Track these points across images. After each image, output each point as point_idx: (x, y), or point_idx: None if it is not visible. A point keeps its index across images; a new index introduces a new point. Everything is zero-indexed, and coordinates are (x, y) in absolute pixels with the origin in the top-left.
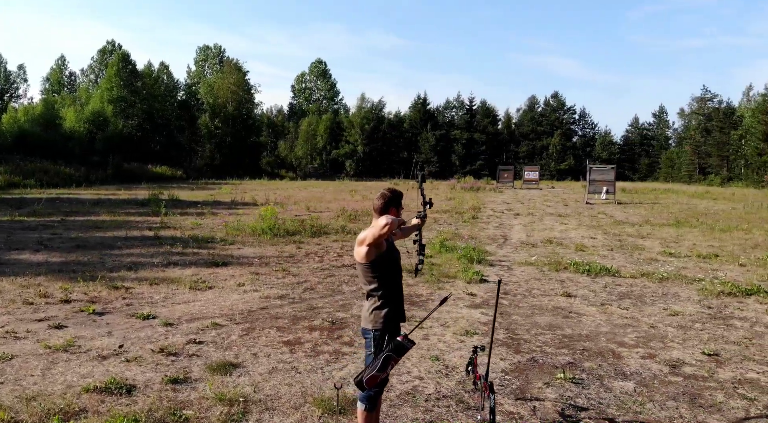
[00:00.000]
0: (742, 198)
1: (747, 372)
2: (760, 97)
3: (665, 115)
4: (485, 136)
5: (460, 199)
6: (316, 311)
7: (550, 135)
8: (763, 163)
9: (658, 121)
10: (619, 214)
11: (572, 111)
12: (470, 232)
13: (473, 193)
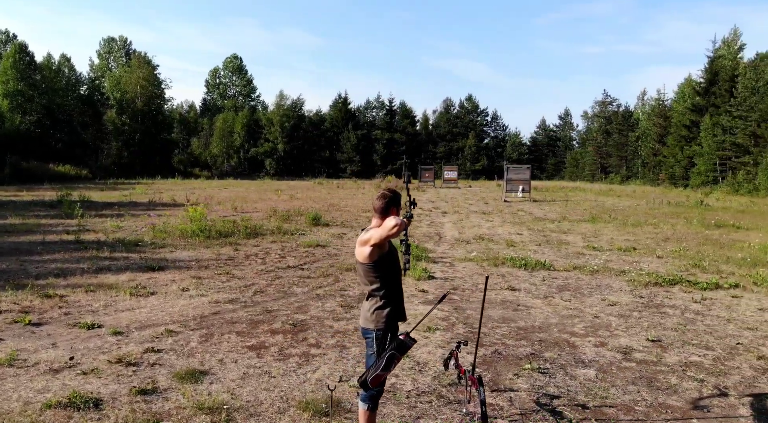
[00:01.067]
0: (642, 195)
1: (690, 356)
2: (653, 101)
3: (570, 118)
4: (405, 136)
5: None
6: (272, 314)
7: (465, 136)
8: (658, 163)
9: (564, 123)
10: (537, 211)
11: (485, 113)
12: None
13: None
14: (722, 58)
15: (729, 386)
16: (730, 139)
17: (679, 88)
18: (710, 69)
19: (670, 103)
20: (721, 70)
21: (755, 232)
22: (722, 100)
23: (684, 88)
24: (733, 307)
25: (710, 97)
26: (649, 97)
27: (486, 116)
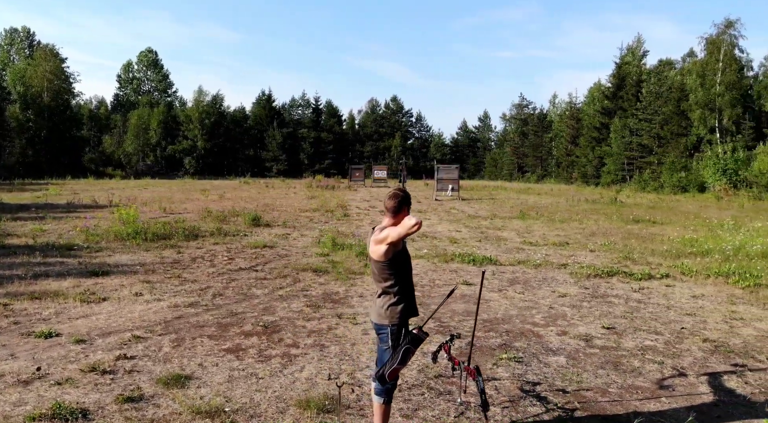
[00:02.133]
0: (559, 193)
1: (644, 341)
2: (565, 104)
3: (489, 120)
4: (332, 135)
5: (322, 198)
6: (239, 317)
7: (392, 136)
8: (571, 162)
9: (483, 125)
10: (468, 209)
11: (410, 114)
12: (349, 229)
13: (331, 192)
14: (628, 64)
15: (685, 367)
16: (637, 140)
17: (589, 92)
18: (618, 74)
19: (580, 105)
20: (627, 75)
21: (670, 227)
22: (629, 103)
23: (594, 92)
24: (669, 295)
25: (618, 100)
26: (561, 101)
27: (411, 117)
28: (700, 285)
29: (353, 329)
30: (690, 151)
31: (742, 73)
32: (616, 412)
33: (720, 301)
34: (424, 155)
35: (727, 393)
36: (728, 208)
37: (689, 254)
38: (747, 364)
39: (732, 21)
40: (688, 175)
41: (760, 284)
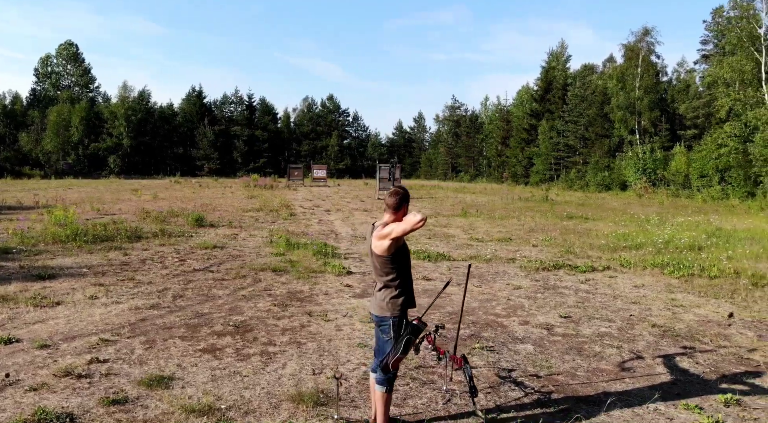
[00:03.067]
0: (493, 191)
1: (599, 327)
2: (494, 106)
3: (423, 121)
4: (267, 133)
5: (263, 198)
6: (206, 318)
7: (329, 135)
8: (502, 162)
9: (418, 126)
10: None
11: (346, 113)
12: (298, 228)
13: (271, 191)
14: (554, 69)
15: (641, 350)
16: (564, 141)
17: (518, 94)
18: (545, 78)
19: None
20: (554, 79)
21: (602, 222)
22: (556, 106)
23: (522, 95)
24: (613, 286)
25: (546, 103)
26: (491, 103)
27: (347, 116)
28: (639, 276)
29: (326, 326)
30: (612, 151)
31: (658, 78)
32: (587, 393)
33: (659, 290)
34: (361, 155)
35: (682, 373)
36: (650, 205)
37: (624, 248)
38: (694, 346)
39: (649, 29)
40: (611, 174)
41: (692, 274)
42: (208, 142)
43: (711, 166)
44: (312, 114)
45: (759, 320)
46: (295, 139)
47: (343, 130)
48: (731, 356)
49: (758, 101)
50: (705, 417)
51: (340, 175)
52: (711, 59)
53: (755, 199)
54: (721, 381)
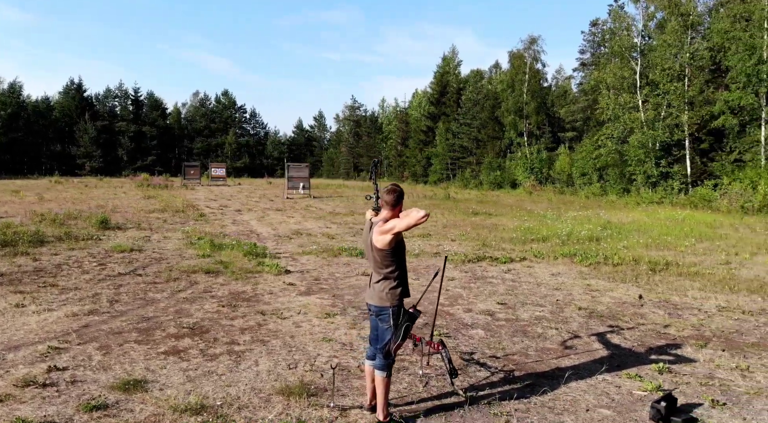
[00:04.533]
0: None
1: (534, 312)
2: (391, 108)
3: (324, 120)
4: (156, 129)
5: (162, 198)
6: (154, 321)
7: (225, 133)
8: (402, 162)
9: (319, 125)
10: (325, 206)
11: (243, 110)
12: (213, 229)
13: (167, 191)
14: (448, 73)
15: (576, 330)
16: (459, 142)
17: (415, 97)
18: (440, 82)
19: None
20: (448, 84)
21: (505, 218)
22: (451, 109)
23: (419, 97)
24: (534, 275)
25: (441, 106)
26: (388, 105)
27: (244, 113)
28: (554, 265)
29: (284, 324)
30: (503, 152)
31: (541, 84)
32: (543, 369)
33: (574, 276)
34: (260, 153)
35: (615, 347)
36: (540, 201)
37: (533, 240)
38: (618, 325)
39: (535, 38)
40: (502, 174)
41: (599, 262)
42: (89, 138)
43: (591, 165)
44: (206, 110)
45: (665, 300)
46: (188, 136)
47: (240, 127)
48: (651, 332)
49: (633, 106)
50: (647, 383)
51: (238, 173)
52: (587, 67)
53: (630, 195)
54: (649, 353)
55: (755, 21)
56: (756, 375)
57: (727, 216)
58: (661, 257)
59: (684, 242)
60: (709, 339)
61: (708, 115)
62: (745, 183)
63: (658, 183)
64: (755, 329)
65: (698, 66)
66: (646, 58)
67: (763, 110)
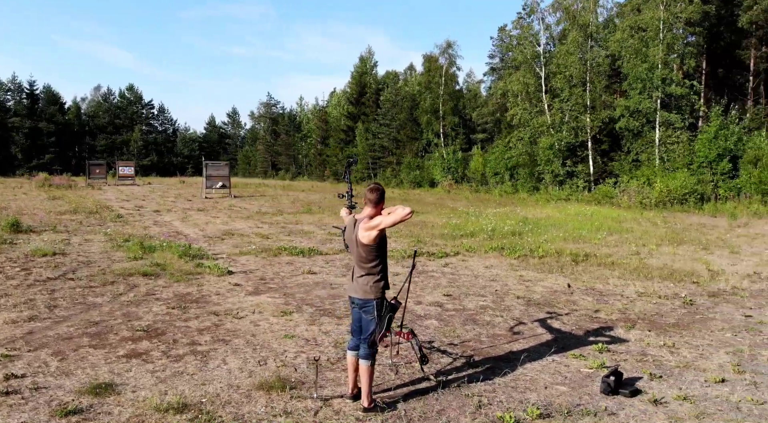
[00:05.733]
0: (320, 189)
1: (478, 302)
2: (311, 106)
3: (238, 117)
4: (53, 126)
5: (70, 199)
6: (103, 326)
7: (130, 129)
8: (322, 161)
9: (233, 122)
10: (249, 206)
11: (150, 106)
12: (135, 231)
13: (73, 191)
14: (366, 74)
15: (518, 317)
16: (379, 142)
17: (335, 96)
18: (358, 82)
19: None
20: (367, 84)
21: (431, 215)
22: (371, 109)
23: (338, 97)
24: (470, 267)
25: (361, 106)
26: (307, 103)
27: (152, 109)
28: (485, 258)
29: (242, 323)
30: (422, 152)
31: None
32: (498, 354)
33: (506, 268)
34: (170, 150)
35: (557, 331)
36: (458, 199)
37: (462, 236)
38: (555, 311)
39: (451, 42)
40: (421, 173)
41: (525, 255)
42: None
43: (503, 165)
44: (109, 105)
45: (590, 288)
46: (89, 133)
47: (148, 123)
48: (584, 316)
49: (540, 110)
50: (591, 361)
51: (146, 172)
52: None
53: (540, 193)
54: (587, 335)
55: (649, 31)
56: (681, 351)
57: (628, 211)
58: (580, 249)
59: (596, 235)
60: (635, 321)
61: (608, 119)
62: (642, 181)
63: (564, 181)
64: (672, 312)
65: (597, 72)
66: (548, 67)
67: (658, 114)
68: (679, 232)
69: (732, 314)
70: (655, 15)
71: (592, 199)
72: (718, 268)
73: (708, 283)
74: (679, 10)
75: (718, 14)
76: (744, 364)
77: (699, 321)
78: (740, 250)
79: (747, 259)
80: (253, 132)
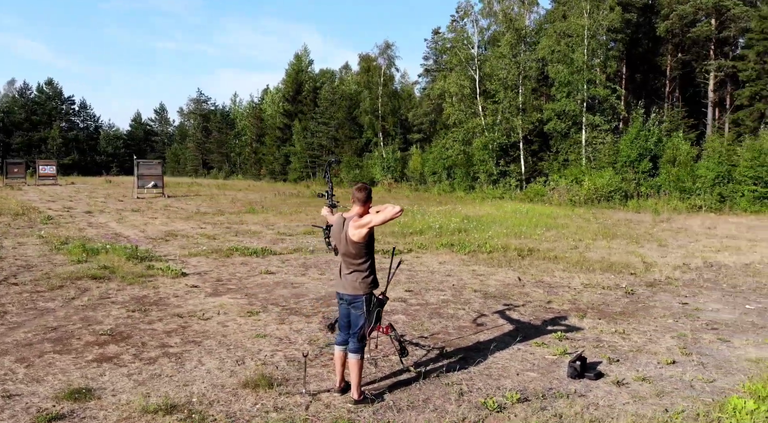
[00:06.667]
0: (258, 189)
1: (439, 296)
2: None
3: (166, 113)
4: None
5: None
6: (63, 331)
7: (49, 126)
8: (258, 159)
9: (161, 118)
10: (186, 206)
11: (71, 101)
12: (70, 232)
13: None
14: (302, 72)
15: (479, 309)
16: (317, 141)
17: (269, 94)
18: (295, 80)
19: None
20: (303, 82)
21: None
22: (308, 108)
23: (273, 94)
24: (425, 263)
25: (298, 104)
26: (242, 100)
27: (72, 104)
28: (437, 255)
29: (209, 324)
30: (361, 151)
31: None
32: (467, 344)
33: (458, 264)
34: (93, 148)
35: (516, 322)
36: (399, 198)
37: (411, 233)
38: (511, 303)
39: (390, 43)
40: (361, 172)
41: (474, 251)
42: None
43: (440, 165)
44: (26, 100)
45: (539, 280)
46: (4, 130)
47: (68, 120)
48: (539, 307)
49: (475, 112)
50: (554, 349)
51: (67, 171)
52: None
53: (476, 191)
54: (545, 324)
55: (575, 37)
56: (632, 337)
57: (560, 208)
58: (523, 245)
59: (536, 231)
60: (585, 310)
61: (537, 120)
62: (570, 179)
63: (498, 180)
64: (617, 301)
65: (528, 76)
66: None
67: (584, 116)
68: (609, 227)
69: (670, 302)
70: (579, 22)
71: (525, 197)
72: (651, 260)
73: (644, 274)
74: (602, 18)
75: (637, 22)
76: (689, 347)
77: (642, 309)
78: (667, 243)
79: (674, 251)
80: (182, 129)
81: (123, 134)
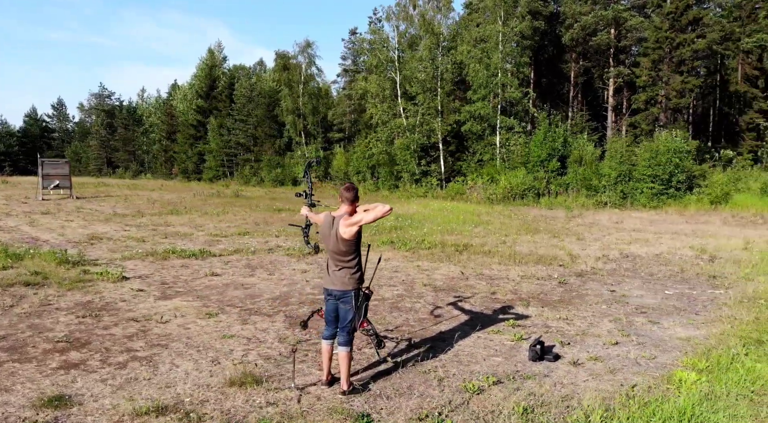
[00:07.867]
0: (173, 188)
1: (393, 291)
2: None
3: (65, 109)
4: None
5: None
6: (13, 340)
7: None
8: (169, 158)
9: (59, 114)
10: (99, 208)
11: None
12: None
13: None
14: (216, 67)
15: (433, 302)
16: (235, 138)
17: (180, 89)
18: (208, 76)
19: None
20: (218, 78)
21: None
22: (224, 105)
23: (185, 90)
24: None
25: (213, 101)
26: (149, 95)
27: None
28: (379, 252)
29: (169, 327)
30: (283, 150)
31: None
32: (431, 334)
33: (402, 260)
34: None
35: (470, 312)
36: (325, 198)
37: None
38: (461, 295)
39: (310, 42)
40: (283, 171)
41: (414, 247)
42: None
43: (364, 164)
44: None
45: (479, 273)
46: None
47: None
48: (486, 298)
49: (396, 113)
50: (511, 335)
51: None
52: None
53: (399, 191)
54: (496, 314)
55: (490, 42)
56: (575, 322)
57: (480, 205)
58: (458, 241)
59: (465, 228)
60: (527, 300)
61: (455, 123)
62: (486, 178)
63: (420, 180)
64: (553, 290)
65: (445, 79)
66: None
67: (498, 118)
68: (529, 223)
69: (600, 290)
70: (495, 28)
71: (446, 195)
72: (575, 252)
73: (571, 265)
74: (514, 25)
75: (544, 30)
76: (626, 329)
77: (577, 297)
78: (584, 237)
79: (592, 244)
80: (83, 126)
81: (16, 131)
